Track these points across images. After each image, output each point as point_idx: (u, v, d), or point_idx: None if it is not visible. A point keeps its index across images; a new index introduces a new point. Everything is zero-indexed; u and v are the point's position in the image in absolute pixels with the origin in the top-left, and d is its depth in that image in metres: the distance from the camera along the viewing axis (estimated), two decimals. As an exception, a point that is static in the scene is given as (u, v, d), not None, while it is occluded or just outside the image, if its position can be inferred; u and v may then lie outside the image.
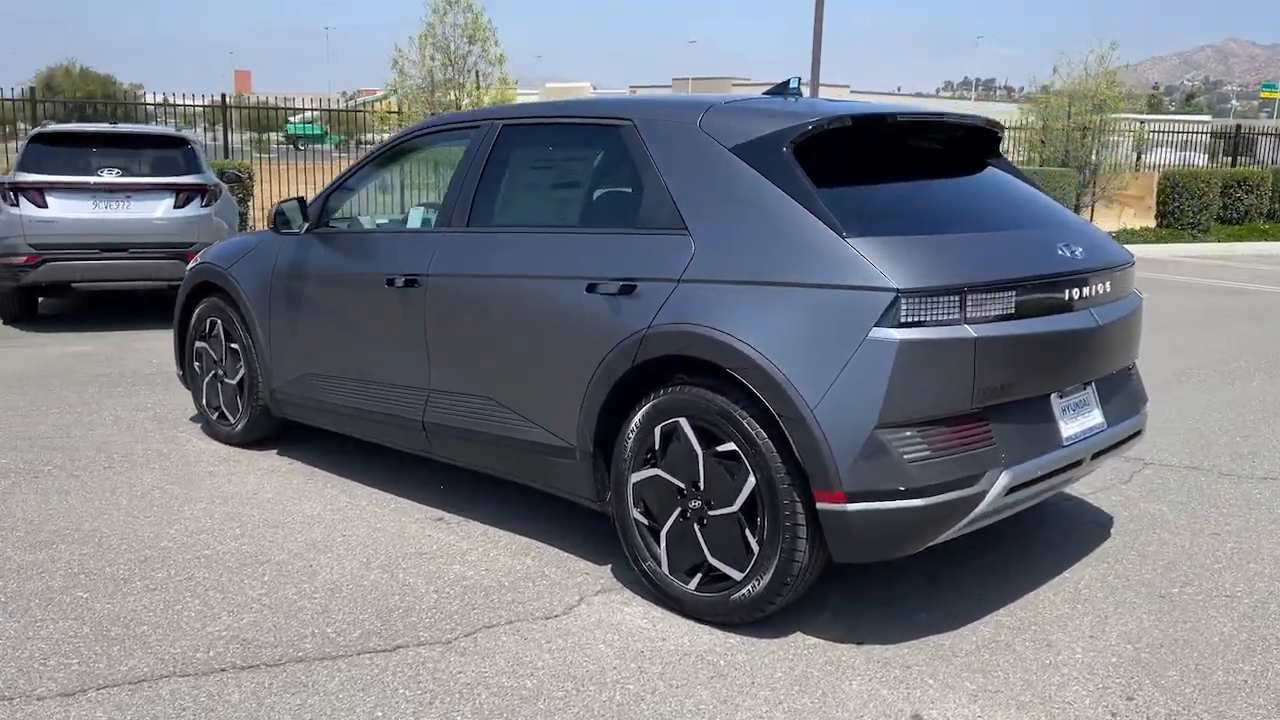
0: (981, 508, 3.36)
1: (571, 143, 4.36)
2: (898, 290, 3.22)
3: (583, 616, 3.73)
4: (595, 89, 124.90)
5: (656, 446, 3.72)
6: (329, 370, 5.09)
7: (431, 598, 3.87)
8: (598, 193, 4.24)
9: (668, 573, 3.74)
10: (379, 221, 5.37)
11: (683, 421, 3.62)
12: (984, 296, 3.35)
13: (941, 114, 4.05)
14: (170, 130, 10.34)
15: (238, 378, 5.68)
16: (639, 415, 3.74)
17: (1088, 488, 5.14)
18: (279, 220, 5.10)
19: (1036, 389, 3.58)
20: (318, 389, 5.17)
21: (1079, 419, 3.77)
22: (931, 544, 3.43)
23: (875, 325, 3.23)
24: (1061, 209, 4.25)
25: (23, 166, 9.44)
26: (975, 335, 3.31)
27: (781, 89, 4.36)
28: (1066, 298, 3.63)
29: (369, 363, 4.87)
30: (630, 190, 3.99)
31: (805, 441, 3.31)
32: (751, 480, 3.47)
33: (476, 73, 15.58)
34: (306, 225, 5.15)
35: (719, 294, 3.56)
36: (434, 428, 4.57)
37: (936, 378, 3.28)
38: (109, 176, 9.39)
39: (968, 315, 3.32)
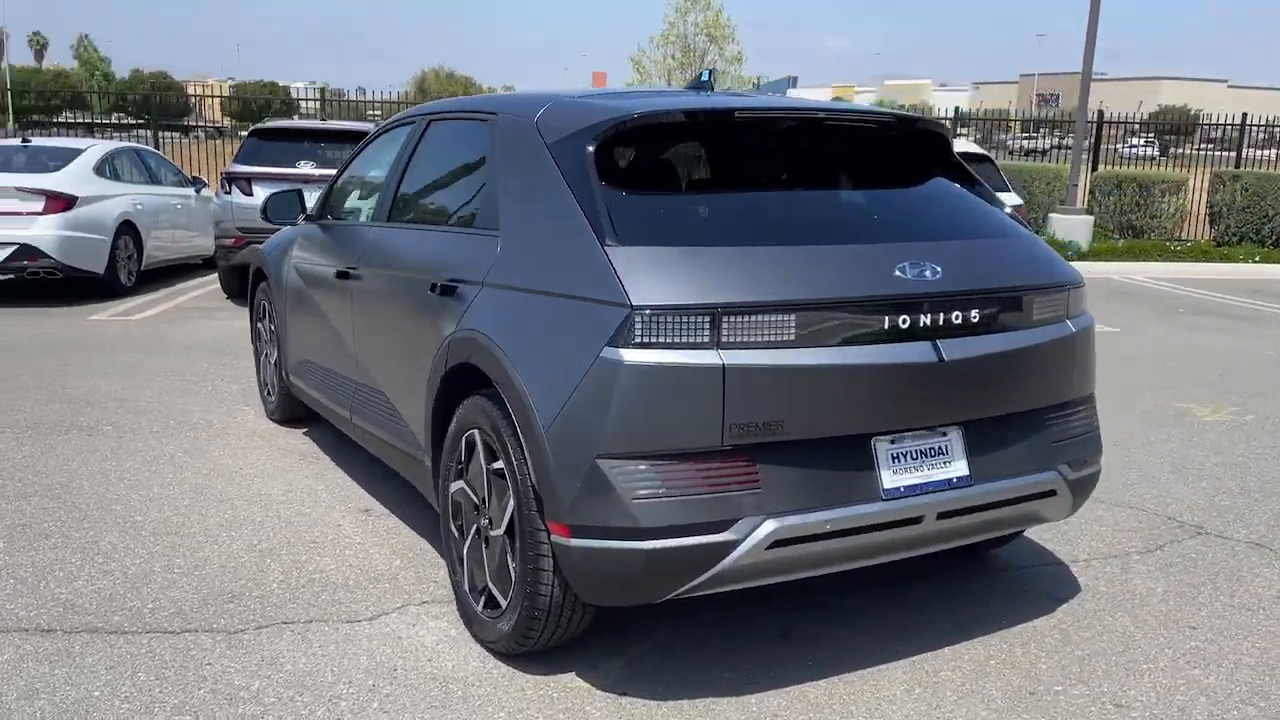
0: (733, 560, 2.92)
1: (460, 138, 4.21)
2: (631, 306, 2.86)
3: (382, 625, 3.62)
4: (943, 85, 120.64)
5: (463, 458, 3.55)
6: (314, 358, 5.27)
7: (270, 587, 3.91)
8: (459, 189, 4.09)
9: (467, 590, 3.56)
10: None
11: (476, 434, 3.43)
12: (746, 319, 2.90)
13: (821, 109, 3.54)
14: (364, 125, 11.09)
15: (274, 358, 6.02)
16: (452, 424, 3.59)
17: (1087, 552, 4.35)
18: (264, 211, 5.34)
19: (835, 429, 3.05)
20: (307, 374, 5.38)
21: (920, 469, 3.17)
22: (678, 595, 3.01)
23: (607, 344, 2.88)
24: (993, 222, 3.59)
25: (238, 159, 10.52)
26: (724, 363, 2.87)
27: (696, 83, 4.01)
28: (887, 325, 3.06)
29: (329, 353, 5.00)
30: (478, 187, 3.82)
31: (538, 465, 3.04)
32: (512, 502, 3.23)
33: (713, 70, 15.46)
34: (303, 217, 5.37)
35: (502, 300, 3.34)
36: (358, 420, 4.62)
37: (675, 408, 2.87)
38: (304, 168, 10.24)
39: (722, 339, 2.89)
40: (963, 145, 11.12)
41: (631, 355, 2.85)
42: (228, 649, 3.44)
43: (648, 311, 2.85)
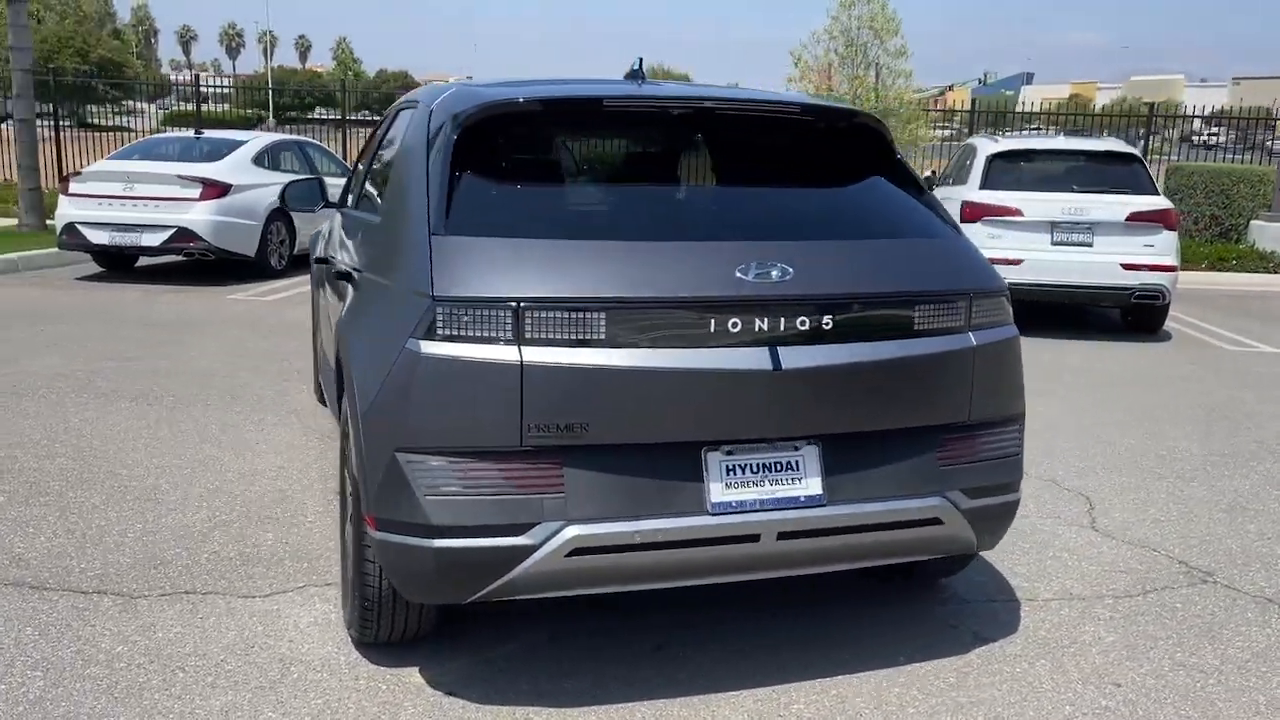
0: (529, 566, 2.79)
1: (399, 128, 4.19)
2: (433, 297, 2.79)
3: (271, 603, 3.69)
4: (1203, 82, 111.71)
5: (346, 446, 3.57)
6: (321, 340, 5.45)
7: (199, 557, 4.06)
8: (381, 177, 4.09)
9: (345, 576, 3.59)
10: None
11: (348, 421, 3.45)
12: (551, 315, 2.76)
13: (711, 99, 3.32)
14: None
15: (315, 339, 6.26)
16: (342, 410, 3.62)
17: (1054, 590, 3.93)
18: (282, 196, 5.52)
19: (654, 435, 2.86)
20: (321, 357, 5.56)
21: (761, 484, 2.93)
22: (483, 597, 2.90)
23: (411, 335, 2.82)
24: (900, 222, 3.29)
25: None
26: (523, 360, 2.75)
27: (630, 72, 3.87)
28: (714, 328, 2.84)
29: (323, 336, 5.15)
30: (389, 175, 3.82)
31: (358, 455, 3.02)
32: (351, 489, 3.23)
33: (877, 66, 14.95)
34: (323, 204, 5.53)
35: (366, 287, 3.34)
36: (329, 403, 4.74)
37: (472, 404, 2.78)
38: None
39: (525, 335, 2.77)
40: (1108, 144, 10.22)
41: (430, 347, 2.78)
42: (119, 613, 3.59)
43: (449, 303, 2.78)
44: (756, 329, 2.87)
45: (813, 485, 2.98)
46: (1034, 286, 9.32)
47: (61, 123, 20.39)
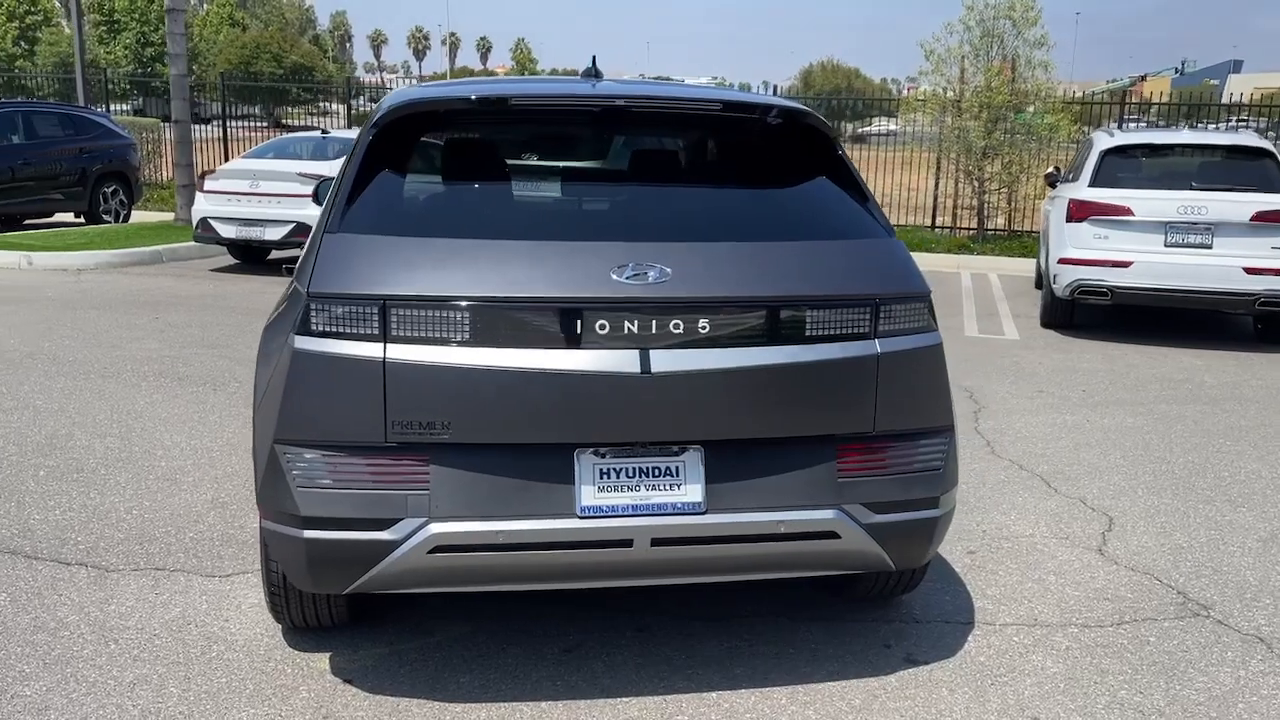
0: (393, 562, 2.82)
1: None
2: (308, 294, 2.87)
3: (226, 583, 3.85)
4: None
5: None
6: None
7: (184, 536, 4.27)
8: None
9: (286, 561, 3.71)
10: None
11: (279, 413, 3.56)
12: (416, 313, 2.79)
13: (623, 96, 3.25)
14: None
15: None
16: None
17: (1018, 615, 3.69)
18: (315, 194, 5.73)
19: (521, 436, 2.84)
20: None
21: (637, 489, 2.87)
22: (355, 590, 2.94)
23: (292, 330, 2.91)
24: (816, 224, 3.15)
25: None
26: (386, 357, 2.79)
27: (585, 71, 3.85)
28: (580, 329, 2.80)
29: None
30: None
31: (253, 446, 3.12)
32: (263, 480, 3.34)
33: (1013, 57, 14.28)
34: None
35: (292, 286, 3.43)
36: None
37: (340, 399, 2.83)
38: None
39: (391, 333, 2.81)
40: (1236, 137, 9.44)
41: (303, 342, 2.86)
42: (88, 585, 3.82)
43: (320, 299, 2.84)
44: (626, 330, 2.81)
45: (693, 492, 2.90)
46: (1145, 291, 8.76)
47: (258, 123, 21.96)
